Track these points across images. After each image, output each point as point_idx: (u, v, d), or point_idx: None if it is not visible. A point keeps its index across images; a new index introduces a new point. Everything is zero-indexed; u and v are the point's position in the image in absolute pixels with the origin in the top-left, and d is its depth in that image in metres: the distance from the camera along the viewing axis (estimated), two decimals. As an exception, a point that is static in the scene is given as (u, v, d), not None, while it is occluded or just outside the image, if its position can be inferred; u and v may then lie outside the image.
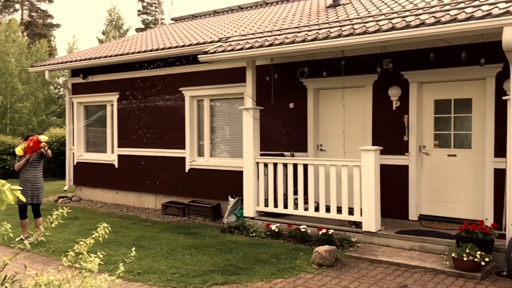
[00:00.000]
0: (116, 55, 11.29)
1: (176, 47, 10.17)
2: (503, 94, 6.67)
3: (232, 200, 9.12)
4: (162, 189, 11.05)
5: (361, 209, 7.17)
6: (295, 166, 8.01)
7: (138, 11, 47.73)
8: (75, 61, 12.30)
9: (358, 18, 7.51)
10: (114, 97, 11.98)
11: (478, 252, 5.58)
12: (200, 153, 10.61)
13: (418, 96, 7.84)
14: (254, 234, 7.77)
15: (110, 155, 12.23)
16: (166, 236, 8.10)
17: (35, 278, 2.54)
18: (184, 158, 10.63)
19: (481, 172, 7.34)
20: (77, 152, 12.93)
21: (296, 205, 8.02)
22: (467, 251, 5.61)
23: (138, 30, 43.11)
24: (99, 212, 11.05)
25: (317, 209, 7.77)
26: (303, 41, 7.20)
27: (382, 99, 8.04)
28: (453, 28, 5.93)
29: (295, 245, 7.13)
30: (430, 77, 7.70)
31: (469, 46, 6.93)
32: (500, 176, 7.01)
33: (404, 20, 6.54)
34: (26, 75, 27.67)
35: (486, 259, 5.61)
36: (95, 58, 11.75)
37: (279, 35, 7.97)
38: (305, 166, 7.90)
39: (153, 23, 44.68)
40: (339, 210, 7.44)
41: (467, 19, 5.86)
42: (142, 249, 7.06)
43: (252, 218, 8.28)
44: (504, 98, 6.21)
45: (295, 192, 8.04)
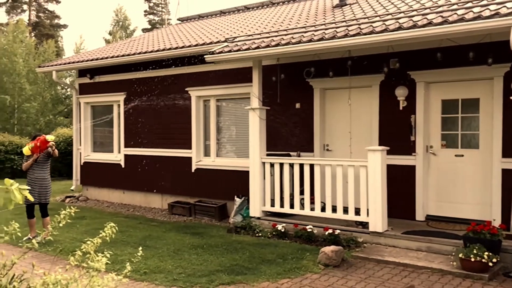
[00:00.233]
0: (122, 56, 11.33)
1: (183, 47, 10.19)
2: (511, 94, 6.63)
3: (238, 200, 9.13)
4: (169, 189, 11.07)
5: (367, 210, 7.14)
6: (301, 166, 8.00)
7: (145, 11, 47.92)
8: (82, 61, 12.35)
9: (364, 18, 7.48)
10: (120, 97, 12.03)
11: (486, 253, 5.55)
12: (207, 153, 10.62)
13: (425, 96, 7.81)
14: (260, 234, 7.77)
15: (117, 155, 12.28)
16: (172, 235, 8.12)
17: (42, 277, 2.55)
18: (190, 158, 10.64)
19: (488, 172, 7.29)
20: (84, 152, 12.99)
21: (302, 205, 8.01)
22: (475, 251, 5.57)
23: (145, 30, 43.26)
24: (106, 211, 11.09)
25: (323, 209, 7.75)
26: (310, 41, 7.19)
27: (389, 99, 8.01)
28: (460, 28, 5.90)
29: (301, 245, 7.12)
30: (437, 77, 7.66)
31: (476, 46, 6.89)
32: (508, 176, 6.97)
33: (411, 20, 6.51)
34: (33, 75, 27.85)
35: (494, 260, 5.58)
36: (102, 59, 11.80)
37: (286, 35, 7.96)
38: (311, 166, 7.89)
39: (160, 23, 44.81)
40: (346, 210, 7.42)
41: (474, 18, 5.82)
42: (148, 249, 7.08)
43: (258, 218, 8.28)
44: (512, 98, 6.18)
45: (301, 192, 8.03)
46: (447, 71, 7.50)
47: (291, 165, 8.15)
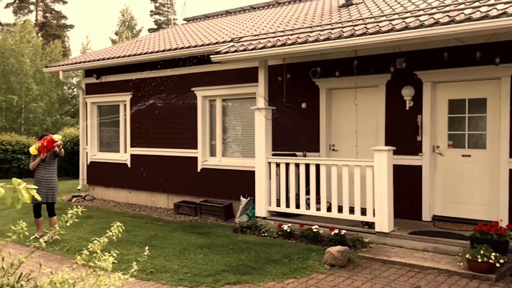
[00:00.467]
0: (129, 56, 11.37)
1: (189, 47, 10.21)
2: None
3: (244, 200, 9.13)
4: (174, 189, 11.10)
5: (373, 210, 7.12)
6: (307, 166, 7.99)
7: (151, 11, 48.04)
8: (89, 61, 12.41)
9: (371, 18, 7.46)
10: (127, 97, 12.07)
11: (493, 254, 5.52)
12: (212, 153, 10.63)
13: (432, 96, 7.77)
14: (266, 234, 7.77)
15: (123, 155, 12.32)
16: (178, 235, 8.13)
17: (50, 276, 2.57)
18: (196, 158, 10.66)
19: (496, 172, 7.25)
20: (90, 152, 13.04)
21: (308, 205, 8.00)
22: (482, 252, 5.54)
23: (151, 30, 43.39)
24: (112, 211, 11.13)
25: (329, 209, 7.74)
26: (316, 41, 7.18)
27: (395, 99, 7.99)
28: (467, 28, 5.86)
29: (307, 245, 7.11)
30: (444, 76, 7.63)
31: (483, 45, 6.84)
32: (515, 176, 6.92)
33: (418, 19, 6.49)
34: (40, 75, 28.01)
35: (501, 261, 5.54)
36: (108, 59, 11.84)
37: (292, 35, 7.95)
38: (317, 166, 7.87)
39: (166, 23, 44.89)
40: (352, 211, 7.41)
41: (481, 18, 5.79)
42: (154, 248, 7.10)
43: (264, 218, 8.28)
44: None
45: (307, 192, 8.02)
46: (454, 71, 7.46)
47: (297, 165, 8.14)
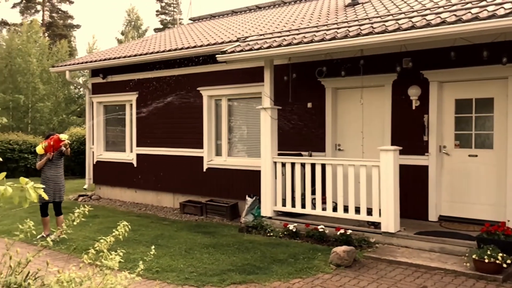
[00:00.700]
0: (135, 55, 11.40)
1: (194, 47, 10.22)
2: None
3: (249, 200, 9.13)
4: (180, 188, 11.12)
5: (379, 210, 7.10)
6: (313, 166, 7.97)
7: (157, 11, 48.15)
8: (95, 61, 12.45)
9: (377, 17, 7.44)
10: (133, 97, 12.10)
11: (500, 254, 5.49)
12: (218, 153, 10.64)
13: (438, 96, 7.74)
14: (271, 234, 7.77)
15: (129, 154, 12.35)
16: (184, 235, 8.15)
17: (57, 275, 2.58)
18: (202, 158, 10.67)
19: (503, 172, 7.21)
20: (96, 151, 13.09)
21: (313, 205, 7.98)
22: (489, 253, 5.51)
23: (157, 30, 43.48)
24: (118, 210, 11.16)
25: (335, 209, 7.72)
26: (322, 40, 7.17)
27: (401, 98, 7.96)
28: (474, 27, 5.83)
29: (313, 245, 7.10)
30: (451, 76, 7.59)
31: (490, 45, 6.81)
32: (522, 177, 6.88)
33: (424, 19, 6.46)
34: (47, 75, 28.17)
35: (508, 261, 5.51)
36: (114, 58, 11.88)
37: (297, 34, 7.94)
38: (323, 166, 7.86)
39: (172, 23, 44.98)
40: (358, 211, 7.39)
41: (489, 17, 5.76)
42: (160, 248, 7.11)
43: (269, 217, 8.27)
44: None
45: (313, 192, 8.00)
46: (460, 71, 7.43)
47: (303, 165, 8.13)
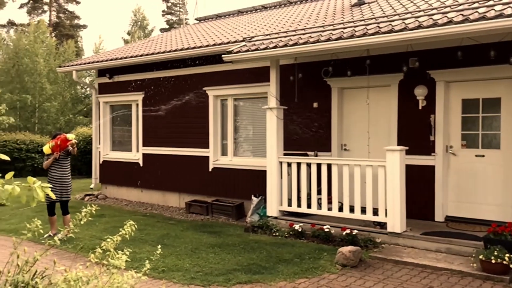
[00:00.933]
0: (141, 55, 11.43)
1: (200, 47, 10.24)
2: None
3: (255, 200, 9.13)
4: (186, 188, 11.14)
5: (386, 210, 7.08)
6: (318, 166, 7.96)
7: (163, 11, 48.26)
8: (101, 61, 12.50)
9: (383, 17, 7.42)
10: (139, 97, 12.14)
11: (507, 255, 5.45)
12: (224, 153, 10.66)
13: (445, 96, 7.71)
14: (277, 234, 7.77)
15: (135, 154, 12.39)
16: (190, 234, 8.16)
17: (64, 274, 2.60)
18: (207, 157, 10.69)
19: (510, 173, 7.17)
20: (103, 151, 13.14)
21: (319, 205, 7.98)
22: (495, 253, 5.49)
23: (163, 30, 43.58)
24: (124, 210, 11.21)
25: (340, 209, 7.71)
26: (328, 40, 7.16)
27: (408, 98, 7.93)
28: (481, 27, 5.80)
29: (319, 245, 7.09)
30: (458, 76, 7.56)
31: (498, 44, 6.78)
32: (530, 177, 6.83)
33: (431, 18, 6.43)
34: (54, 75, 28.31)
35: (515, 262, 5.48)
36: (120, 58, 11.92)
37: (304, 34, 7.94)
38: (329, 166, 7.85)
39: (178, 23, 45.08)
40: (363, 211, 7.37)
41: (496, 16, 5.72)
42: (166, 247, 7.13)
43: (275, 217, 8.27)
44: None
45: (319, 192, 7.99)
46: (467, 70, 7.39)
47: (309, 165, 8.12)
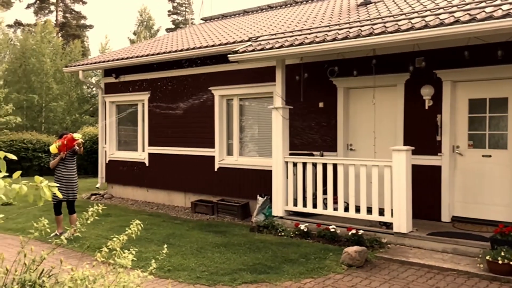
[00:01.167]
0: (147, 55, 11.46)
1: (206, 46, 10.25)
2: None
3: (260, 199, 9.13)
4: (191, 188, 11.16)
5: (392, 210, 7.06)
6: (324, 165, 7.95)
7: (169, 11, 48.33)
8: (108, 61, 12.54)
9: (390, 16, 7.40)
10: (145, 96, 12.17)
11: (514, 256, 5.43)
12: (229, 152, 10.66)
13: (451, 95, 7.67)
14: (282, 234, 7.76)
15: (141, 154, 12.43)
16: (195, 234, 8.18)
17: (70, 273, 2.61)
18: (213, 157, 10.70)
19: (517, 173, 7.13)
20: (109, 150, 13.18)
21: (325, 205, 7.96)
22: (502, 254, 5.46)
23: (169, 30, 43.66)
24: (130, 209, 11.24)
25: (346, 209, 7.70)
26: (334, 40, 7.14)
27: (414, 98, 7.90)
28: (489, 26, 5.77)
29: (324, 245, 7.08)
30: (464, 75, 7.52)
31: (505, 44, 6.74)
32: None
33: (438, 18, 6.40)
34: (60, 75, 28.46)
35: (523, 263, 5.45)
36: (126, 58, 11.96)
37: (309, 34, 7.93)
38: (335, 166, 7.84)
39: (183, 23, 45.14)
40: (369, 211, 7.35)
41: (503, 16, 5.69)
42: (172, 247, 7.14)
43: (281, 217, 8.27)
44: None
45: (324, 192, 7.98)
46: (474, 70, 7.36)
47: (314, 165, 8.11)
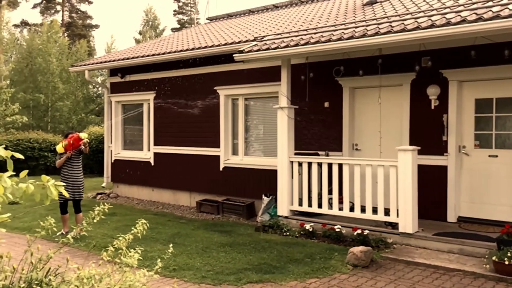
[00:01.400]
0: (152, 55, 11.48)
1: (212, 46, 10.26)
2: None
3: (266, 199, 9.13)
4: (197, 187, 11.17)
5: (397, 210, 7.04)
6: (329, 165, 7.93)
7: (174, 11, 48.42)
8: (113, 61, 12.58)
9: (395, 16, 7.37)
10: (150, 96, 12.20)
11: (521, 256, 5.40)
12: (235, 152, 10.67)
13: (458, 95, 7.64)
14: (288, 233, 7.76)
15: (147, 153, 12.46)
16: (200, 233, 8.19)
17: (76, 271, 2.62)
18: (218, 157, 10.71)
19: (524, 173, 7.09)
20: (114, 150, 13.22)
21: (330, 205, 7.95)
22: (509, 254, 5.42)
23: (174, 30, 43.74)
24: (135, 208, 11.27)
25: (352, 209, 7.68)
26: (339, 39, 7.13)
27: (420, 98, 7.87)
28: (495, 25, 5.74)
29: (330, 245, 7.07)
30: (471, 75, 7.48)
31: (512, 43, 6.70)
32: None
33: (444, 17, 6.38)
34: (66, 74, 28.58)
35: (529, 264, 5.41)
36: (132, 58, 11.99)
37: (315, 33, 7.91)
38: (340, 166, 7.82)
39: (189, 23, 45.20)
40: (375, 211, 7.33)
41: (510, 15, 5.65)
42: (177, 246, 7.15)
43: (286, 217, 8.26)
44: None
45: (330, 192, 7.97)
46: (481, 70, 7.32)
47: (320, 165, 8.10)
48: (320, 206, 7.99)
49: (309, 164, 8.15)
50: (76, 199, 8.19)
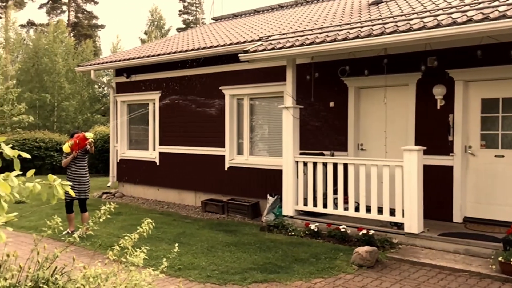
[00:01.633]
0: (158, 55, 11.51)
1: (217, 46, 10.27)
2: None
3: (271, 199, 9.13)
4: (202, 187, 11.19)
5: (403, 210, 7.02)
6: (335, 165, 7.93)
7: (179, 11, 48.52)
8: (119, 60, 12.61)
9: (401, 15, 7.35)
10: (156, 96, 12.23)
11: (527, 257, 5.37)
12: (240, 152, 10.67)
13: (464, 95, 7.61)
14: (293, 233, 7.76)
15: (152, 153, 12.49)
16: (205, 233, 8.20)
17: (82, 270, 2.63)
18: (223, 156, 10.72)
19: (530, 174, 7.05)
20: (120, 150, 13.26)
21: (335, 205, 7.94)
22: (515, 255, 5.40)
23: (179, 30, 43.81)
24: (141, 208, 11.30)
25: (357, 209, 7.67)
26: (345, 39, 7.12)
27: (426, 98, 7.85)
28: (502, 25, 5.71)
29: (335, 245, 7.07)
30: (477, 75, 7.45)
31: (519, 43, 6.66)
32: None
33: (450, 17, 6.35)
34: (72, 74, 28.67)
35: (536, 265, 5.39)
36: (137, 58, 12.02)
37: (320, 33, 7.91)
38: (345, 166, 7.81)
39: (194, 22, 45.26)
40: (380, 211, 7.31)
41: (517, 14, 5.63)
42: (182, 245, 7.16)
43: (291, 217, 8.26)
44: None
45: (335, 192, 7.96)
46: (487, 69, 7.28)
47: (325, 164, 8.09)
48: (325, 206, 7.99)
49: (314, 164, 8.15)
50: (82, 199, 8.22)
